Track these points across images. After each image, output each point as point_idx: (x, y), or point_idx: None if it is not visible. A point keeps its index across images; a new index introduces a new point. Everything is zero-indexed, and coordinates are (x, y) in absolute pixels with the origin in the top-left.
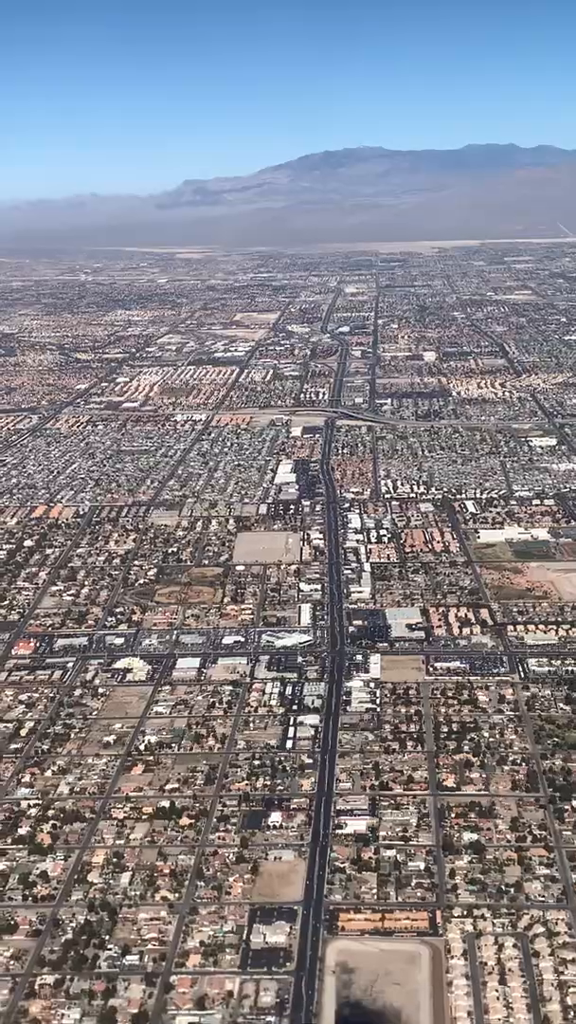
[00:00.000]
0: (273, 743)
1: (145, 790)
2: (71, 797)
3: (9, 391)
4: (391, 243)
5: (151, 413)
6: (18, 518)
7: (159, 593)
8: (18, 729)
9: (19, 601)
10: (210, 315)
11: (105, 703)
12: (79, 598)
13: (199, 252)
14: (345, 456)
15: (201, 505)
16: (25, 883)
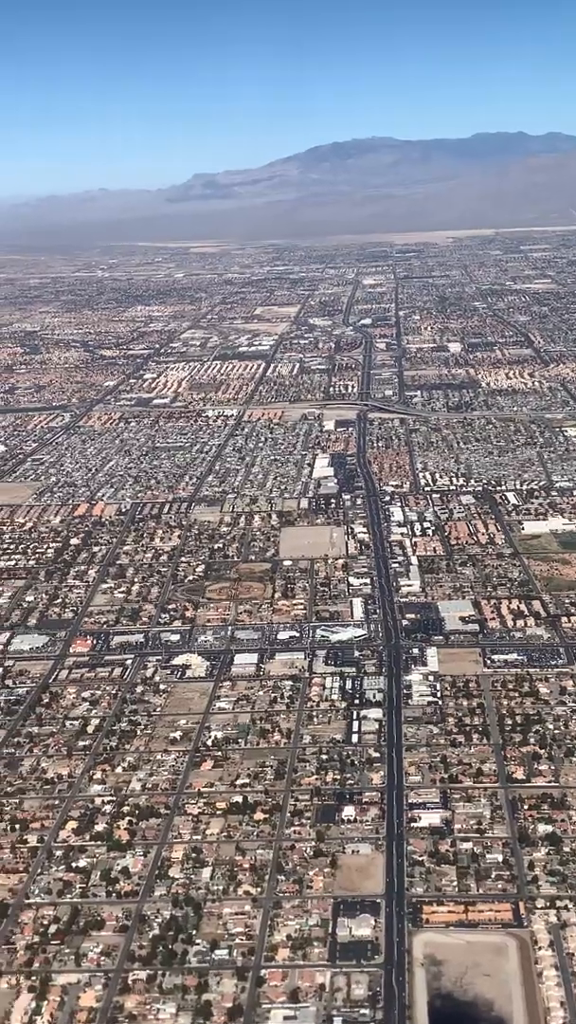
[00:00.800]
0: (339, 737)
1: (216, 785)
2: (144, 793)
3: (39, 389)
4: (405, 234)
5: (182, 409)
6: (61, 516)
7: (209, 589)
8: (84, 726)
9: (71, 599)
10: (230, 309)
11: (168, 700)
12: (131, 595)
13: (213, 246)
14: (381, 449)
15: (242, 501)
16: (107, 879)
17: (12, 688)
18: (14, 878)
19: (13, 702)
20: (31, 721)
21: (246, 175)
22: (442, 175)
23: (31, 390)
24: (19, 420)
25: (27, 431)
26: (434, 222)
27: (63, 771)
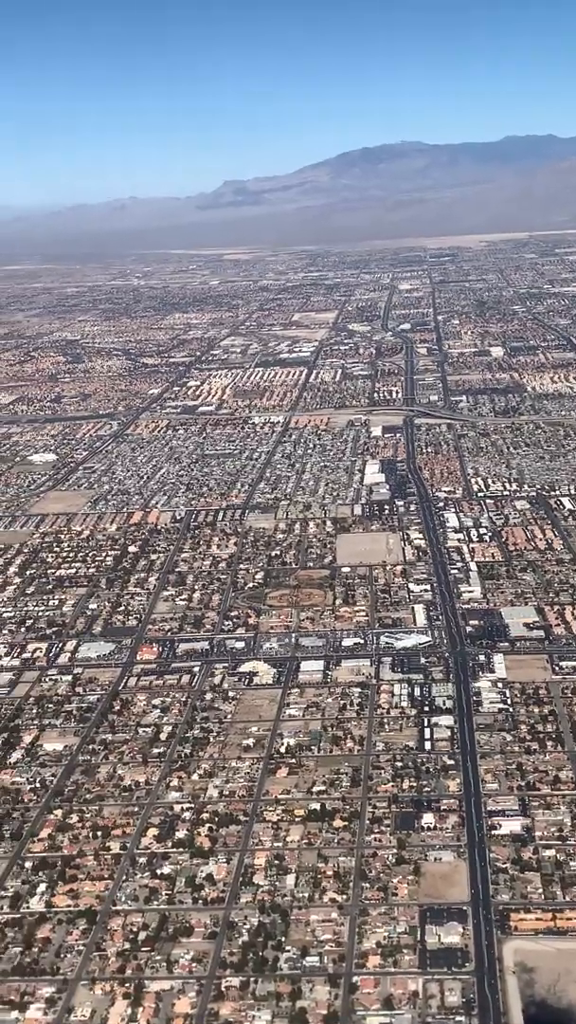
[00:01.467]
0: (411, 744)
1: (293, 793)
2: (221, 800)
3: (84, 397)
4: (437, 238)
5: (228, 416)
6: (117, 524)
7: (270, 596)
8: (157, 733)
9: (134, 607)
10: (268, 316)
11: (237, 707)
12: (192, 603)
13: (246, 252)
14: (430, 455)
15: (295, 507)
16: (192, 886)
17: (83, 695)
18: (100, 885)
19: (85, 709)
20: (104, 728)
21: (276, 181)
22: (472, 179)
23: (77, 399)
24: (68, 429)
25: (77, 439)
26: (466, 226)
27: (140, 778)
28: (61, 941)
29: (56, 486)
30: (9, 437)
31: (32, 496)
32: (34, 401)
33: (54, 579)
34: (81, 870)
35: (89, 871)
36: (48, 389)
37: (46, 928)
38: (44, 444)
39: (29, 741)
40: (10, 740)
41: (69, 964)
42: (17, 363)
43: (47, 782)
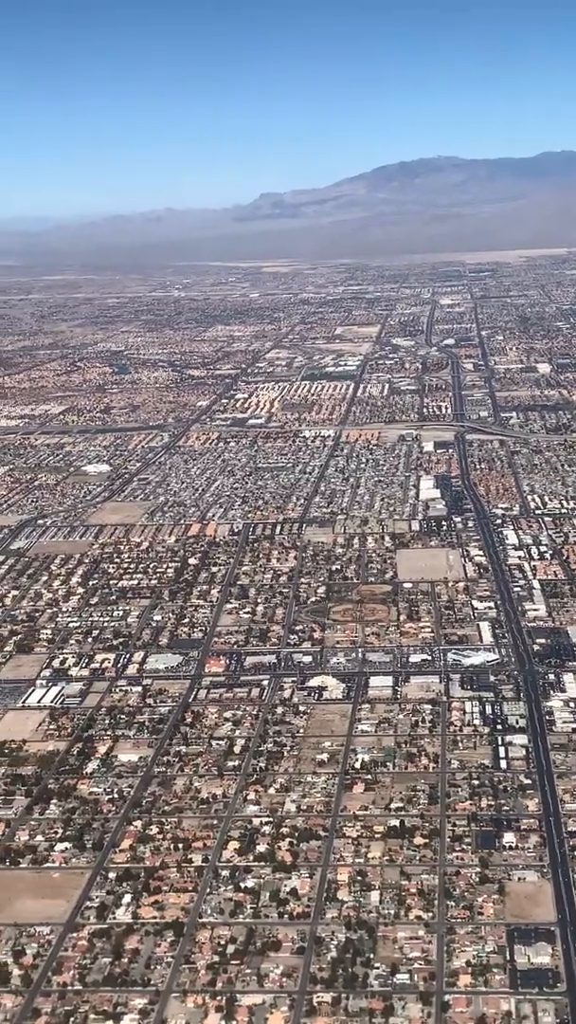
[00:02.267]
0: (487, 763)
1: (371, 809)
2: (299, 815)
3: (134, 409)
4: (476, 253)
5: (278, 429)
6: (175, 536)
7: (333, 611)
8: (231, 746)
9: (198, 619)
10: (310, 329)
11: (309, 721)
12: (256, 616)
13: (284, 265)
14: (484, 471)
15: (352, 522)
16: (277, 900)
17: (154, 707)
18: (184, 897)
19: (157, 721)
20: (177, 740)
21: (313, 194)
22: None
23: (126, 410)
24: (119, 440)
25: (128, 451)
26: (505, 241)
27: (217, 791)
28: (150, 952)
29: (112, 497)
30: (62, 447)
31: (89, 507)
32: (84, 412)
33: (117, 590)
34: (164, 882)
35: (172, 883)
36: (97, 400)
37: (134, 939)
38: (97, 455)
39: (104, 751)
40: (85, 750)
41: (160, 976)
42: (64, 373)
43: (124, 793)
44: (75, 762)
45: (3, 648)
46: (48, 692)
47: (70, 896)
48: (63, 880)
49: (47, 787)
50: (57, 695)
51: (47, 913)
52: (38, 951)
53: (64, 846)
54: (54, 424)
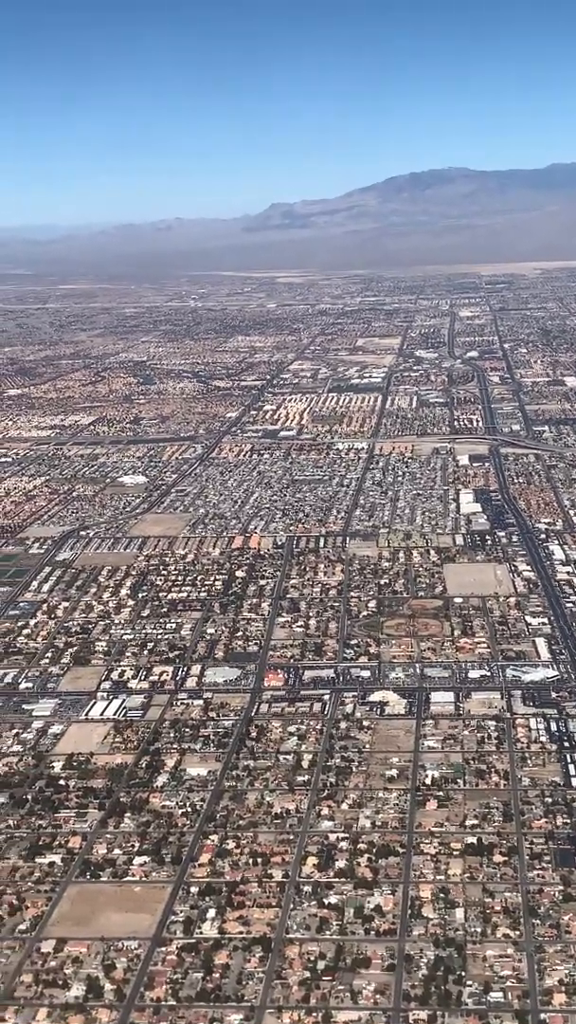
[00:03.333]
0: (558, 780)
1: (446, 826)
2: (375, 831)
3: (163, 420)
4: (490, 265)
5: (311, 442)
6: (220, 548)
7: (386, 625)
8: (298, 761)
9: (252, 632)
10: (331, 340)
11: (374, 736)
12: (309, 630)
13: (298, 276)
14: (523, 485)
15: (395, 536)
16: (361, 917)
17: (217, 720)
18: (269, 913)
19: (222, 735)
20: (244, 754)
21: (324, 205)
22: (520, 206)
23: (155, 421)
24: (152, 451)
25: (163, 462)
26: (519, 253)
27: (289, 806)
28: (240, 968)
29: (151, 509)
30: (95, 458)
31: (129, 518)
32: (113, 422)
33: (167, 602)
34: (247, 897)
35: (255, 898)
36: (125, 410)
37: (223, 954)
38: (132, 466)
39: (172, 765)
40: (153, 763)
41: (252, 991)
42: (89, 384)
43: (197, 807)
44: (144, 775)
45: (60, 660)
46: (110, 705)
47: (154, 910)
48: (145, 894)
49: (119, 800)
50: (119, 708)
51: (133, 927)
52: (128, 965)
53: (143, 860)
54: (85, 435)
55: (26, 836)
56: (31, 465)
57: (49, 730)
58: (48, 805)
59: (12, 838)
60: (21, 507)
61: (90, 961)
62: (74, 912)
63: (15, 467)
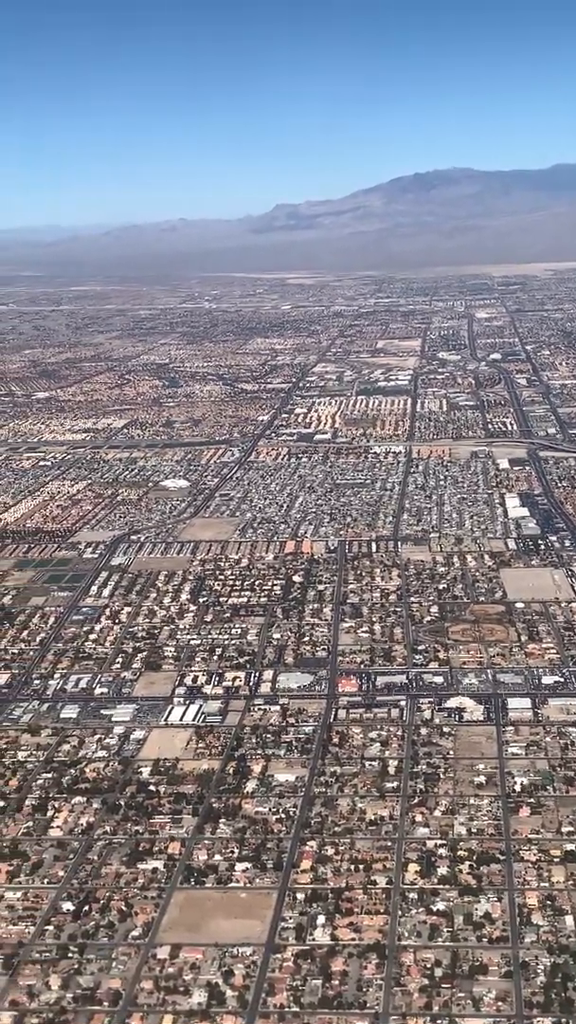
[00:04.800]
0: None
1: (542, 832)
2: (472, 838)
3: (195, 423)
4: (500, 266)
5: (347, 445)
6: (272, 553)
7: (451, 631)
8: (384, 767)
9: (318, 637)
10: (351, 342)
11: (456, 743)
12: (375, 635)
13: (308, 277)
14: (567, 489)
15: (447, 540)
16: (471, 924)
17: (296, 726)
18: (379, 919)
19: (304, 741)
20: (329, 760)
21: (329, 206)
22: (525, 207)
23: (188, 424)
24: (190, 454)
25: (202, 465)
26: (527, 254)
27: (382, 812)
28: (358, 975)
29: (198, 513)
30: (134, 462)
31: (177, 523)
32: (146, 425)
33: (229, 607)
34: (354, 903)
35: (362, 905)
36: (156, 414)
37: (339, 960)
38: (172, 470)
39: (259, 771)
40: (240, 769)
41: (374, 998)
42: (116, 386)
43: (291, 813)
44: (233, 781)
45: (131, 665)
46: (187, 710)
47: (262, 916)
48: (251, 900)
49: (212, 806)
50: (197, 713)
51: (244, 933)
52: (246, 972)
53: (245, 866)
54: (120, 438)
55: (124, 842)
56: (71, 469)
57: (131, 735)
58: (142, 811)
59: (111, 844)
60: (68, 511)
61: (207, 967)
62: (184, 918)
63: (55, 471)
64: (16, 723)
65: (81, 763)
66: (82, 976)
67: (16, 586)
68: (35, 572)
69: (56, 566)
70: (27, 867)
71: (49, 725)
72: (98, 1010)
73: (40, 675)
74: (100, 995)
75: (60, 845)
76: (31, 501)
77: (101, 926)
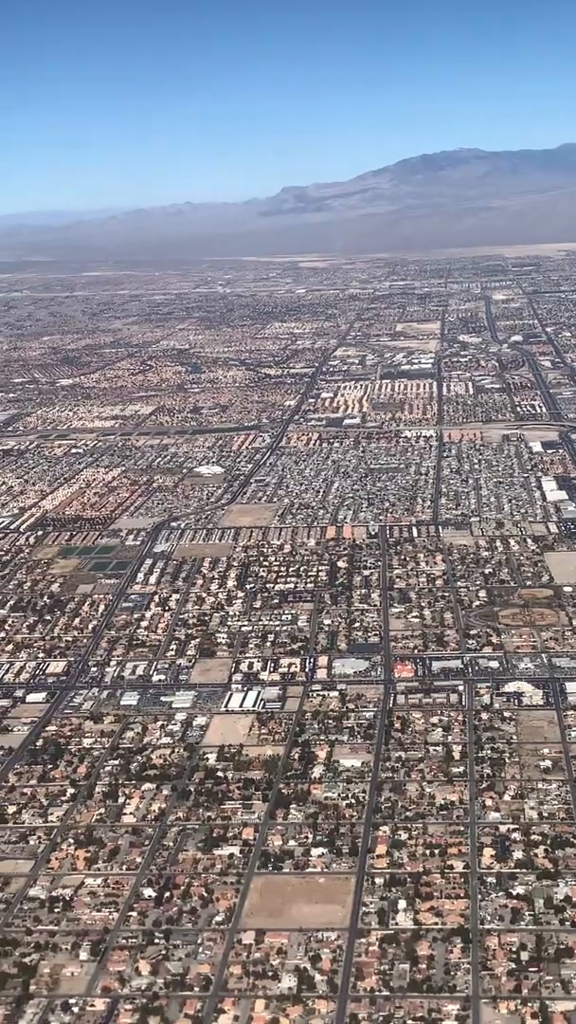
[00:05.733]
0: None
1: None
2: (544, 822)
3: (223, 409)
4: (513, 247)
5: (377, 430)
6: (314, 539)
7: (501, 615)
8: (449, 752)
9: (368, 623)
10: (369, 326)
11: (518, 728)
12: (425, 620)
13: (320, 260)
14: None
15: (487, 524)
16: (552, 907)
17: (357, 711)
18: (459, 904)
19: (366, 726)
20: (392, 745)
21: (337, 188)
22: (535, 187)
23: (215, 410)
24: (221, 440)
25: (234, 451)
26: (539, 235)
27: (451, 797)
28: (444, 958)
29: (235, 499)
30: (165, 448)
31: (216, 509)
32: (174, 412)
33: (276, 593)
34: (433, 888)
35: (441, 889)
36: (182, 400)
37: (423, 944)
38: (204, 456)
39: (324, 756)
40: (304, 755)
41: (462, 982)
42: (139, 373)
43: (359, 798)
44: (298, 767)
45: (185, 652)
46: (246, 697)
47: (343, 901)
48: (329, 885)
49: (281, 792)
50: (256, 700)
51: (327, 918)
52: (333, 956)
53: (320, 851)
54: (149, 425)
55: (199, 828)
56: (103, 456)
57: (193, 722)
58: (212, 797)
59: (184, 830)
60: (105, 499)
61: (293, 952)
62: (264, 903)
63: (88, 458)
64: (78, 710)
65: (147, 750)
66: (170, 962)
67: (62, 573)
68: (79, 559)
69: (100, 553)
70: (104, 853)
71: (111, 712)
72: (190, 995)
73: (96, 663)
74: (190, 980)
75: (135, 831)
76: (67, 489)
77: (184, 912)
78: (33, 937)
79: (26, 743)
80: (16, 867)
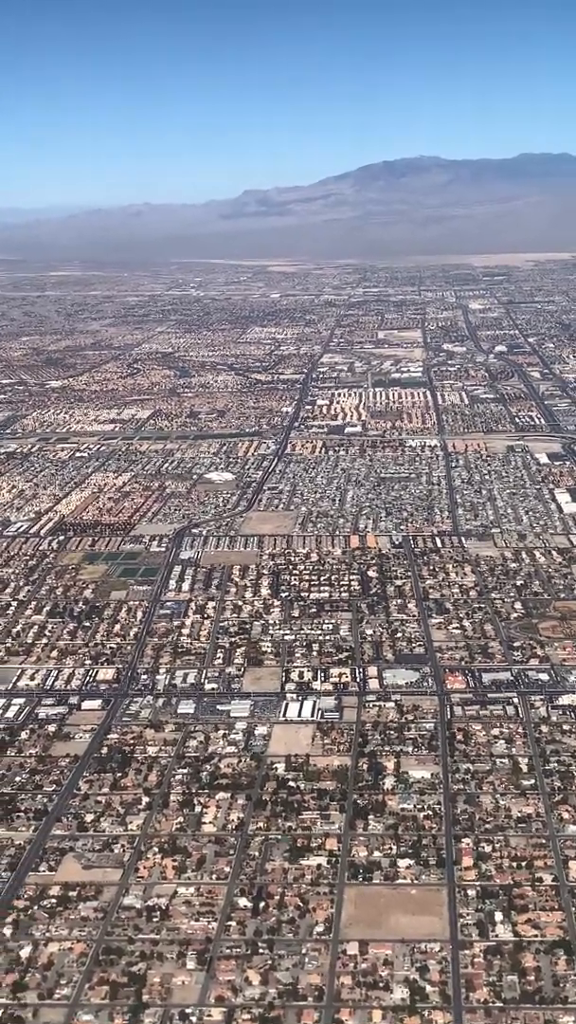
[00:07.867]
0: None
1: None
2: None
3: (220, 414)
4: (481, 256)
5: (379, 438)
6: (339, 548)
7: (540, 627)
8: (516, 765)
9: (410, 634)
10: (351, 333)
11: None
12: (466, 631)
13: (289, 264)
14: None
15: (509, 536)
16: None
17: (417, 723)
18: (556, 915)
19: (429, 738)
20: (458, 757)
21: (299, 192)
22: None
23: (213, 415)
24: (226, 446)
25: (240, 457)
26: (506, 244)
27: (528, 810)
28: (550, 970)
29: (251, 506)
30: (171, 454)
31: (234, 516)
32: (172, 416)
33: (313, 603)
34: (527, 900)
35: (535, 902)
36: (176, 404)
37: (527, 956)
38: (211, 462)
39: (393, 768)
40: (373, 766)
41: (573, 994)
42: (128, 376)
43: (436, 810)
44: (368, 778)
45: (232, 660)
46: (303, 706)
47: (438, 912)
48: (422, 896)
49: (355, 803)
50: (314, 709)
51: (427, 930)
52: (441, 968)
53: (407, 863)
54: (149, 429)
55: (282, 838)
56: (109, 460)
57: (255, 731)
58: (288, 807)
59: (267, 840)
60: (120, 504)
61: (400, 963)
62: (361, 914)
63: (94, 462)
64: (136, 718)
65: (213, 759)
66: (278, 972)
67: (92, 579)
68: (107, 565)
69: (125, 559)
70: (191, 863)
71: (170, 720)
72: (305, 1005)
73: (145, 670)
74: (302, 990)
75: (217, 841)
76: (80, 493)
77: (282, 922)
78: (136, 946)
79: (90, 751)
80: (105, 875)
